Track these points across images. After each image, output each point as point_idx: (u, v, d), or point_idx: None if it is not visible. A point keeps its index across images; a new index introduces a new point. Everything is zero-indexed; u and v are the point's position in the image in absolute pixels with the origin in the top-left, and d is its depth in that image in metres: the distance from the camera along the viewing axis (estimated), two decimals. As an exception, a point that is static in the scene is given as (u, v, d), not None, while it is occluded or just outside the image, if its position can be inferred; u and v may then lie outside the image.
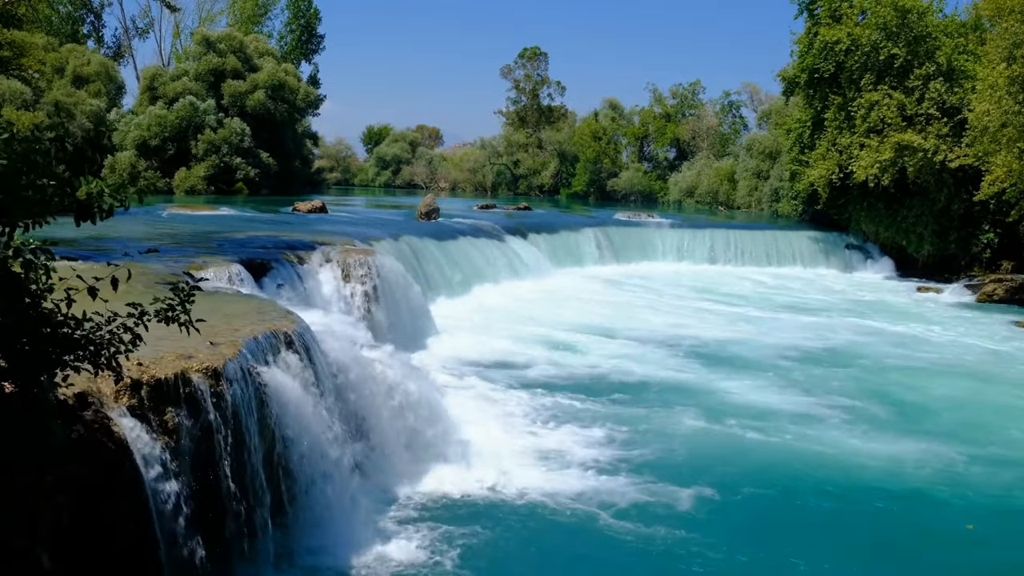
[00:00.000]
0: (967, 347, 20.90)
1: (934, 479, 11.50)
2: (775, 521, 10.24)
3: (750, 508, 10.46)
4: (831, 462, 11.94)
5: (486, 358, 17.10)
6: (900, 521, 10.32)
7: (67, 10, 64.33)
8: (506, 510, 9.92)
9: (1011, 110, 27.17)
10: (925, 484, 11.33)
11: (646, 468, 11.36)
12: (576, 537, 9.41)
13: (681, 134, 70.03)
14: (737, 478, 11.23)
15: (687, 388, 15.73)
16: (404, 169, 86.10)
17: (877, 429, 13.57)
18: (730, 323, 22.73)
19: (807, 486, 11.12)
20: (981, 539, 9.97)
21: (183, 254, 15.37)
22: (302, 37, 72.36)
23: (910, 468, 11.84)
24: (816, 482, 11.24)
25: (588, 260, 32.83)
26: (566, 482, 10.73)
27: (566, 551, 9.23)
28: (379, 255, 18.25)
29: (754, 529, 9.91)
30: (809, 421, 13.87)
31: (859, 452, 12.40)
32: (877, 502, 10.74)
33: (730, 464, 11.79)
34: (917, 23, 33.02)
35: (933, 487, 11.25)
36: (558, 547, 9.27)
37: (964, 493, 11.08)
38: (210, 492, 7.42)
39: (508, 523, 9.61)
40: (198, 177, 49.56)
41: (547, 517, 9.79)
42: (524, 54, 79.07)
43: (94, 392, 6.54)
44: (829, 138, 35.42)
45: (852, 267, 35.94)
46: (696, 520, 9.88)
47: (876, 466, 11.85)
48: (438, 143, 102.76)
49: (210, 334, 7.76)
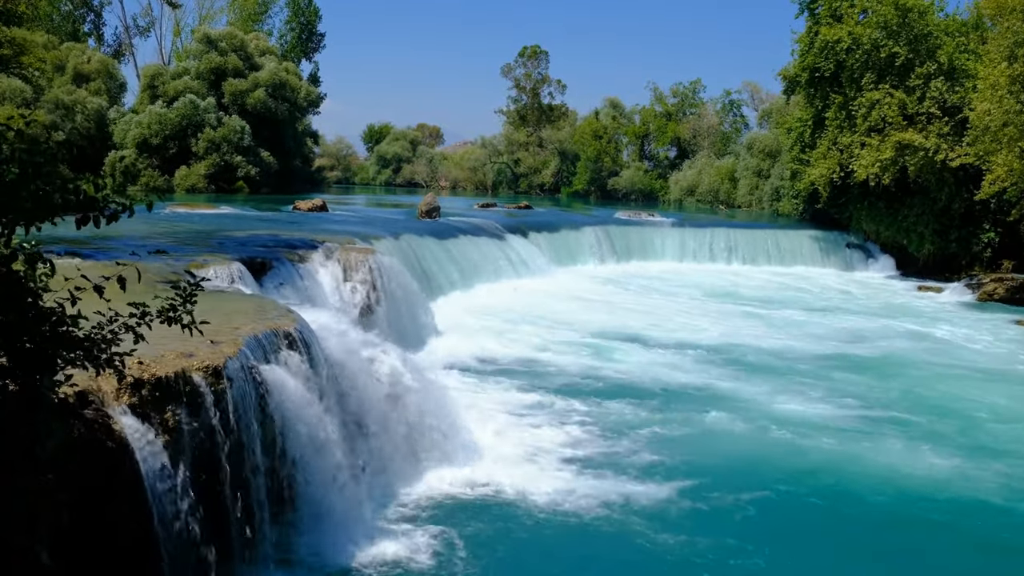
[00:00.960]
0: (972, 347, 20.84)
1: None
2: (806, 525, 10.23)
3: (757, 507, 10.46)
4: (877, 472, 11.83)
5: (486, 357, 17.09)
6: (905, 523, 10.33)
7: (68, 8, 64.35)
8: (507, 510, 9.92)
9: (1012, 109, 27.14)
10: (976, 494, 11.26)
11: (649, 470, 11.37)
12: (574, 537, 9.39)
13: (682, 133, 70.00)
14: (736, 478, 11.24)
15: (687, 389, 15.72)
16: (405, 168, 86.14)
17: (906, 437, 13.53)
18: (729, 320, 22.70)
19: (853, 494, 11.02)
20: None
21: (184, 253, 15.35)
22: (302, 35, 72.42)
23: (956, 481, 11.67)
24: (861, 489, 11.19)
25: (589, 259, 32.83)
26: (567, 484, 10.72)
27: (565, 552, 9.22)
28: (380, 254, 18.24)
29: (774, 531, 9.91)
30: (828, 425, 13.85)
31: (893, 465, 12.25)
32: (896, 505, 10.75)
33: (719, 460, 11.81)
34: (918, 22, 33.00)
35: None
36: (558, 547, 9.25)
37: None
38: (211, 491, 7.42)
39: (508, 523, 9.60)
40: (199, 175, 49.61)
41: (546, 517, 9.77)
42: (525, 53, 79.08)
43: (94, 390, 6.54)
44: (830, 137, 35.40)
45: (853, 266, 35.91)
46: (685, 522, 9.89)
47: (919, 478, 11.71)
48: (439, 142, 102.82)
49: (211, 333, 7.73)
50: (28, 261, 5.07)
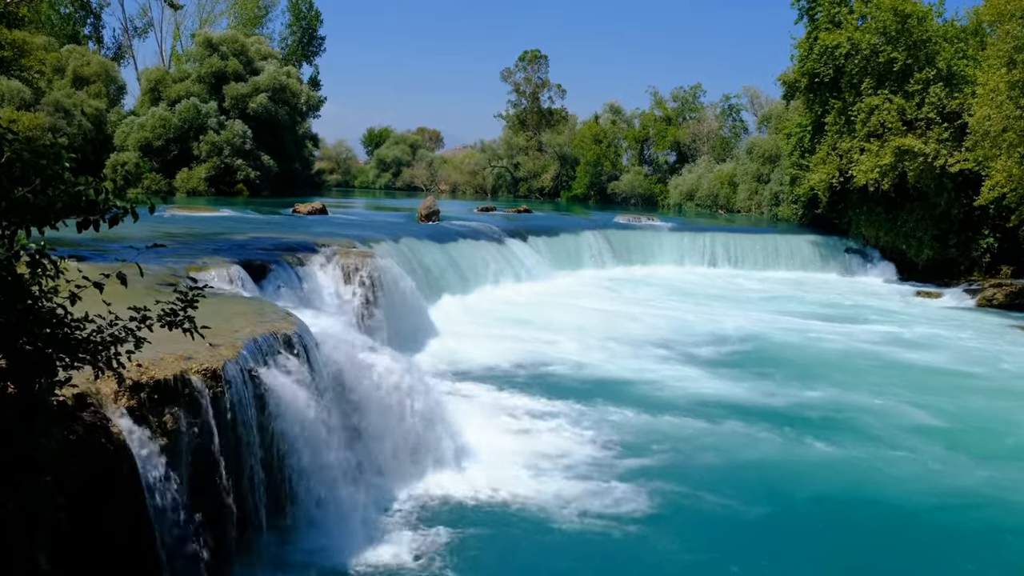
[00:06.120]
0: (973, 352, 20.82)
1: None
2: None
3: (757, 514, 10.48)
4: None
5: (485, 361, 17.09)
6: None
7: (67, 11, 64.41)
8: (503, 513, 9.93)
9: (1011, 115, 27.17)
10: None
11: (650, 471, 11.38)
12: (571, 540, 9.40)
13: (681, 137, 69.97)
14: (737, 477, 11.25)
15: (687, 391, 15.73)
16: (404, 171, 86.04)
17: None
18: (728, 322, 22.68)
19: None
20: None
21: (184, 255, 15.37)
22: (303, 39, 72.53)
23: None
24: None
25: (588, 263, 32.83)
26: (565, 487, 10.73)
27: (563, 554, 9.22)
28: (379, 257, 18.25)
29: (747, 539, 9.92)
30: (819, 427, 13.89)
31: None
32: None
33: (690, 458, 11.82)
34: (917, 28, 33.04)
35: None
36: (554, 551, 9.26)
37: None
38: (209, 493, 7.43)
39: (504, 526, 9.61)
40: (199, 178, 49.68)
41: (543, 521, 9.79)
42: (524, 57, 79.01)
43: (93, 393, 6.55)
44: (829, 142, 35.45)
45: (852, 271, 35.92)
46: (671, 521, 9.91)
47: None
48: (439, 145, 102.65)
49: (210, 335, 7.75)
50: (32, 264, 5.08)
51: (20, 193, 4.92)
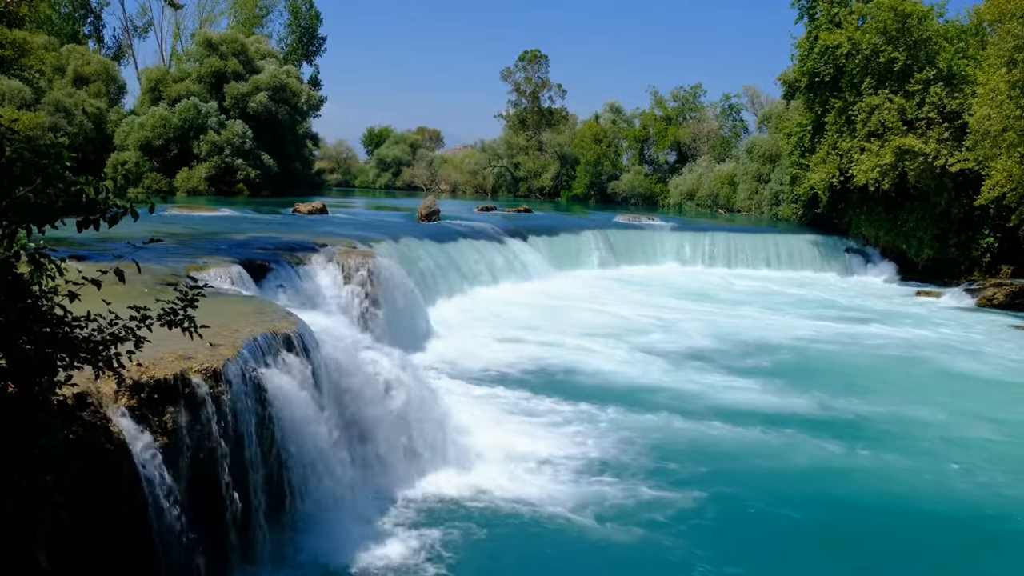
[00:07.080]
0: (973, 352, 20.81)
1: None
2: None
3: (753, 514, 10.47)
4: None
5: (485, 360, 17.08)
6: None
7: (67, 10, 64.42)
8: (503, 514, 9.92)
9: (1012, 114, 27.16)
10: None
11: (653, 474, 11.37)
12: (569, 542, 9.39)
13: (682, 137, 69.95)
14: (735, 478, 11.25)
15: (686, 392, 15.72)
16: (405, 171, 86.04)
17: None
18: (727, 323, 22.70)
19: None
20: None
21: (184, 255, 15.37)
22: (303, 39, 72.52)
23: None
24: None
25: (589, 263, 32.84)
26: (563, 488, 10.73)
27: (561, 555, 9.22)
28: (379, 257, 18.25)
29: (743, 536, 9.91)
30: (819, 427, 13.87)
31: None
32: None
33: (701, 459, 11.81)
34: (917, 27, 33.05)
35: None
36: (553, 551, 9.26)
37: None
38: (208, 492, 7.43)
39: (504, 527, 9.61)
40: (200, 178, 49.69)
41: (542, 522, 9.78)
42: (525, 57, 78.98)
43: (93, 392, 6.54)
44: (829, 142, 35.44)
45: (852, 271, 35.92)
46: (683, 525, 9.89)
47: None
48: (439, 145, 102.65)
49: (210, 335, 7.75)
50: (33, 263, 5.08)
51: (21, 192, 4.92)
